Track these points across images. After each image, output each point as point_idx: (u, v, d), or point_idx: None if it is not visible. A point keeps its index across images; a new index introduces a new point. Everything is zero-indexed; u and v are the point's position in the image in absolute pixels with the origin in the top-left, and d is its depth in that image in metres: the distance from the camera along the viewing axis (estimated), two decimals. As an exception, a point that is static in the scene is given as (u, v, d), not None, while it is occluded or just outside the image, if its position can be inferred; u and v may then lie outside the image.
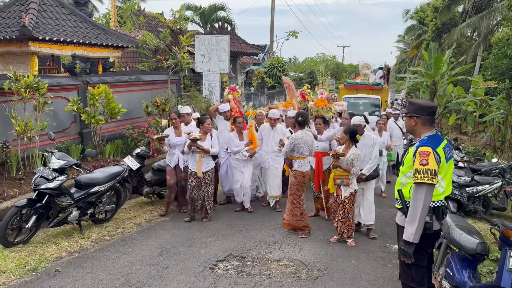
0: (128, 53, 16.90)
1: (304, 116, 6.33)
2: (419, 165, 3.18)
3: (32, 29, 9.77)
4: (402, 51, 51.07)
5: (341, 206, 5.88)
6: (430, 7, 32.04)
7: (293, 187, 6.15)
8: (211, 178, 6.72)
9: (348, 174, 5.83)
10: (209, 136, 6.77)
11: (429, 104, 3.48)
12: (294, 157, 6.18)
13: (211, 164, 6.73)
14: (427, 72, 21.55)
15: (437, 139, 3.36)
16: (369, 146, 6.29)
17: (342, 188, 5.87)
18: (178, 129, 7.03)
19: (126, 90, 11.10)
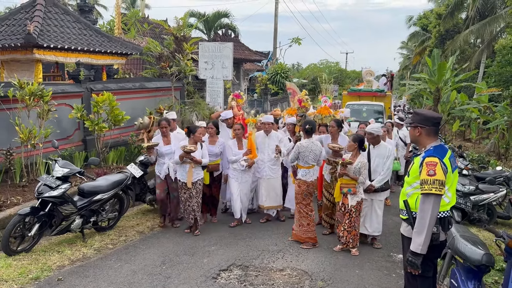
0: (132, 60, 16.96)
1: (312, 124, 6.25)
2: (427, 176, 3.17)
3: (37, 36, 9.81)
4: (406, 58, 51.10)
5: (347, 215, 5.76)
6: (433, 14, 32.02)
7: (298, 196, 6.08)
8: (200, 187, 6.51)
9: (355, 182, 5.72)
10: (199, 146, 6.53)
11: (434, 115, 3.47)
12: (299, 165, 6.11)
13: (201, 174, 6.52)
14: (430, 78, 21.54)
15: (442, 149, 3.36)
16: (384, 157, 6.02)
17: (348, 196, 5.76)
18: (167, 137, 6.71)
19: (130, 97, 11.13)
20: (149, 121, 7.41)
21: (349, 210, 5.76)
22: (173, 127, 7.15)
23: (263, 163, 7.08)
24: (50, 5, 11.37)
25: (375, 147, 6.08)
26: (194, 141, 6.44)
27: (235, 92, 7.92)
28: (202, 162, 6.41)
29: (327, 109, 7.91)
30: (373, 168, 6.02)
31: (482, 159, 13.36)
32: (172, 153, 6.52)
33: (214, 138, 7.06)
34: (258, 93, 22.80)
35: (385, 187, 6.06)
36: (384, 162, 6.00)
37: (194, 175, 6.35)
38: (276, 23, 24.77)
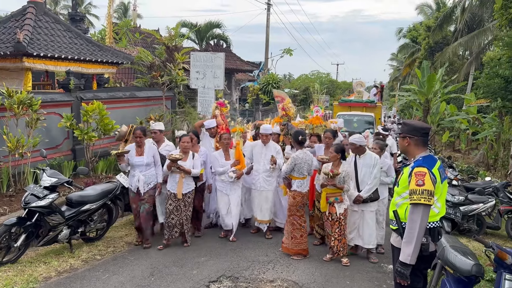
0: (123, 69, 16.92)
1: (304, 135, 6.22)
2: (415, 186, 3.17)
3: (27, 45, 9.76)
4: (395, 69, 51.66)
5: (337, 224, 5.74)
6: (422, 26, 32.54)
7: (293, 208, 6.00)
8: (190, 200, 6.25)
9: (340, 191, 5.74)
10: (191, 156, 6.29)
11: (423, 125, 3.48)
12: (294, 177, 6.03)
13: (192, 185, 6.28)
14: (420, 90, 21.78)
15: (431, 159, 3.36)
16: (370, 166, 5.91)
17: (336, 205, 5.75)
18: (141, 148, 6.18)
19: (120, 106, 11.08)
20: (127, 130, 6.87)
21: (338, 219, 5.74)
22: (160, 139, 6.76)
23: (258, 174, 6.77)
24: (41, 13, 11.34)
25: (361, 157, 5.99)
26: (183, 150, 6.22)
27: (218, 101, 7.60)
28: (192, 172, 6.15)
29: (318, 119, 7.90)
30: (361, 178, 5.93)
31: (471, 169, 13.49)
32: (144, 166, 6.08)
33: (195, 147, 6.74)
34: (250, 103, 22.85)
35: (374, 197, 5.94)
36: (371, 171, 5.89)
37: (184, 186, 6.12)
38: (267, 34, 24.93)
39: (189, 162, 6.20)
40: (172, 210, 6.12)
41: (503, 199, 7.98)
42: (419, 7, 35.61)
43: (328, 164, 5.94)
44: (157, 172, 6.24)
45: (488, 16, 24.12)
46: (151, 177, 6.19)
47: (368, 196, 5.88)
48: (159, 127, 6.81)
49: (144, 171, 6.12)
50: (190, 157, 6.28)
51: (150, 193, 6.21)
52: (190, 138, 6.40)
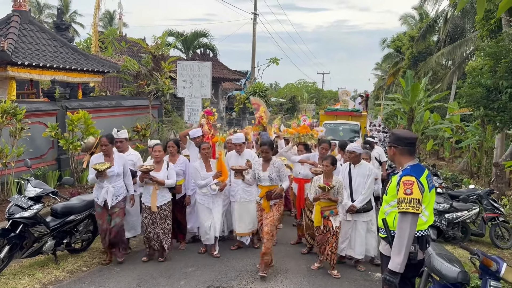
0: (109, 78, 16.83)
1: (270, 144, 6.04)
2: (404, 195, 3.19)
3: (11, 53, 9.65)
4: (380, 78, 52.35)
5: (334, 237, 5.61)
6: (406, 36, 33.10)
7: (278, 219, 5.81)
8: (167, 212, 5.96)
9: (335, 203, 5.63)
10: (165, 165, 5.99)
11: (407, 135, 3.53)
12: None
13: (167, 196, 5.99)
14: (404, 99, 22.10)
15: (419, 168, 3.40)
16: (365, 176, 5.84)
17: (331, 218, 5.61)
18: (109, 157, 5.73)
19: (106, 115, 11.01)
20: (94, 141, 6.42)
21: (335, 232, 5.61)
22: (124, 148, 6.27)
23: (236, 185, 6.46)
24: (26, 22, 11.24)
25: (356, 166, 5.94)
26: (155, 160, 5.93)
27: (206, 109, 7.25)
28: (166, 183, 5.84)
29: (305, 128, 7.91)
30: (355, 188, 5.87)
31: (455, 177, 13.70)
32: (115, 176, 5.69)
33: (175, 157, 6.50)
34: (237, 112, 22.88)
35: (367, 208, 5.88)
36: (365, 181, 5.82)
37: (159, 198, 5.84)
38: (254, 43, 25.07)
39: (162, 173, 5.90)
40: (148, 224, 5.87)
41: (487, 207, 8.10)
42: (403, 18, 36.31)
43: (319, 177, 5.80)
44: (126, 182, 5.88)
45: (469, 26, 24.68)
46: (120, 188, 5.78)
47: (362, 206, 5.82)
48: (124, 135, 6.35)
49: (113, 182, 5.70)
50: (164, 167, 5.98)
51: (121, 205, 5.79)
52: (163, 147, 6.16)
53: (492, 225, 7.92)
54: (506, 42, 11.10)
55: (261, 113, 7.73)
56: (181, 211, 6.57)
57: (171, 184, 5.96)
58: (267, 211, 5.62)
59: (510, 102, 10.12)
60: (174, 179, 6.01)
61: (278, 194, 5.64)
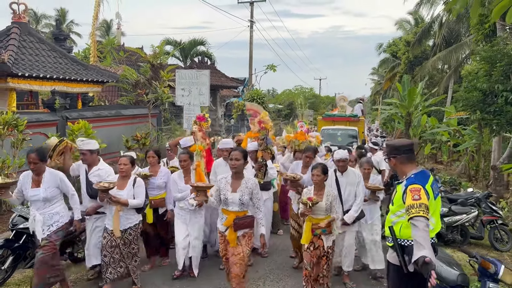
0: (108, 88, 16.92)
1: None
2: (412, 201, 3.16)
3: (11, 65, 9.73)
4: (377, 83, 52.59)
5: (324, 259, 4.87)
6: (402, 41, 33.32)
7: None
8: (133, 237, 5.07)
9: (328, 221, 4.90)
10: (131, 182, 5.08)
11: (403, 142, 3.55)
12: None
13: (134, 219, 5.08)
14: (401, 103, 22.26)
15: (424, 176, 3.39)
16: (354, 184, 5.41)
17: (323, 237, 4.87)
18: (38, 176, 4.68)
19: (106, 125, 11.08)
20: (54, 143, 5.47)
21: (325, 253, 4.88)
22: (90, 161, 5.25)
23: None
24: (25, 33, 11.34)
25: (343, 174, 5.50)
26: (121, 175, 5.10)
27: (198, 114, 6.54)
28: (130, 204, 4.93)
29: (303, 135, 7.57)
30: (345, 197, 5.43)
31: (453, 181, 13.77)
32: (40, 201, 4.65)
33: (155, 168, 5.99)
34: (235, 119, 22.99)
35: (359, 216, 5.47)
36: (356, 190, 5.41)
37: (122, 221, 4.97)
38: (251, 50, 25.25)
39: (126, 191, 5.01)
40: (105, 246, 5.02)
41: (485, 210, 8.18)
42: (398, 23, 36.53)
43: (309, 189, 5.06)
44: (72, 205, 4.93)
45: (464, 31, 24.92)
46: (54, 216, 4.73)
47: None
48: (88, 147, 5.22)
49: (42, 209, 4.68)
50: (130, 184, 5.06)
51: (52, 238, 4.69)
52: (127, 160, 5.17)
53: (491, 228, 7.98)
54: (501, 46, 11.25)
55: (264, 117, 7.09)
56: (164, 226, 6.09)
57: (138, 205, 5.05)
58: (233, 245, 4.44)
59: (506, 106, 10.24)
60: (142, 198, 5.10)
61: (248, 222, 4.48)
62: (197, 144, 5.85)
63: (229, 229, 4.42)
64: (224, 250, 4.57)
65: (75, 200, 4.94)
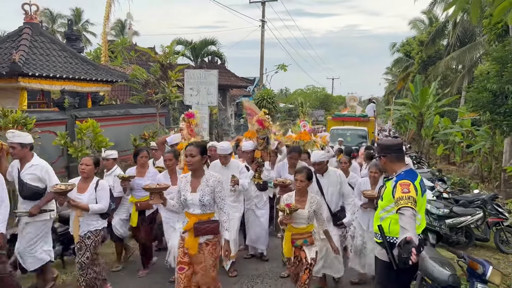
0: (119, 87, 17.15)
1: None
2: (401, 193, 3.27)
3: (22, 65, 9.95)
4: (390, 83, 52.13)
5: (306, 272, 4.35)
6: (415, 41, 33.01)
7: None
8: (90, 243, 4.63)
9: (310, 230, 4.47)
10: (93, 185, 4.69)
11: (392, 142, 3.70)
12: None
13: (95, 224, 4.67)
14: (413, 103, 22.10)
15: (413, 174, 3.52)
16: (336, 184, 5.16)
17: (305, 249, 4.40)
18: None
19: (114, 124, 11.24)
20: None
21: (308, 265, 4.36)
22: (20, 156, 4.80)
23: None
24: (37, 34, 11.56)
25: (324, 175, 5.25)
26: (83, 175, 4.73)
27: (188, 111, 6.23)
28: (91, 209, 4.55)
29: (307, 134, 7.46)
30: (328, 199, 5.17)
31: (463, 182, 13.62)
32: None
33: (144, 168, 5.74)
34: (245, 118, 23.09)
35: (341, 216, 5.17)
36: (339, 189, 5.18)
37: (82, 226, 4.63)
38: (262, 50, 25.28)
39: (87, 195, 4.63)
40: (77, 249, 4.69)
41: (491, 211, 8.09)
42: (412, 22, 36.18)
43: (291, 195, 4.58)
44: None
45: (479, 30, 24.54)
46: None
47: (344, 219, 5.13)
48: (18, 140, 4.73)
49: None
50: (92, 187, 4.66)
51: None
52: (94, 161, 4.82)
53: (496, 230, 7.89)
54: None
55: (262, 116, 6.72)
56: (148, 231, 5.76)
57: (100, 210, 4.65)
58: (193, 252, 3.90)
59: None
60: (105, 203, 4.69)
61: (212, 228, 3.94)
62: (184, 143, 5.59)
63: (189, 234, 3.91)
64: (181, 257, 3.95)
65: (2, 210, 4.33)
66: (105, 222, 4.84)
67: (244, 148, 6.46)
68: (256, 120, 6.46)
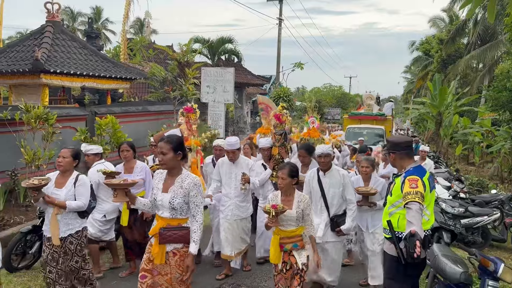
0: (137, 84, 17.42)
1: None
2: (409, 188, 3.33)
3: (44, 62, 10.22)
4: (409, 82, 51.58)
5: (297, 278, 3.93)
6: (435, 39, 32.58)
7: None
8: (75, 246, 4.17)
9: (300, 232, 4.02)
10: (72, 180, 4.20)
11: (403, 139, 3.75)
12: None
13: (75, 225, 4.19)
14: (432, 103, 21.84)
15: (421, 170, 3.58)
16: (339, 185, 4.62)
17: (295, 254, 3.96)
18: None
19: (133, 120, 11.45)
20: None
21: (299, 271, 3.94)
22: None
23: (228, 199, 5.41)
24: (58, 32, 11.85)
25: (326, 174, 4.70)
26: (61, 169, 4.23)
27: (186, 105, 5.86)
28: (69, 207, 4.05)
29: (316, 131, 6.85)
30: (330, 201, 4.64)
31: (481, 182, 13.42)
32: None
33: (130, 164, 5.39)
34: (261, 116, 23.16)
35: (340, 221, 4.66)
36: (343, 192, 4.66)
37: (62, 227, 4.11)
38: (279, 48, 25.33)
39: (65, 190, 4.16)
40: (47, 259, 4.19)
41: (509, 212, 8.01)
42: (432, 20, 35.69)
43: (276, 194, 4.16)
44: None
45: (501, 29, 24.06)
46: None
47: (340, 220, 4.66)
48: None
49: None
50: (70, 182, 4.20)
51: None
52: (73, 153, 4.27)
53: (514, 230, 7.80)
54: (533, 44, 10.91)
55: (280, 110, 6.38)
56: (141, 230, 5.43)
57: (78, 207, 4.17)
58: (158, 262, 3.40)
59: (536, 106, 9.96)
60: (85, 200, 4.23)
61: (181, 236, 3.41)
62: (192, 139, 5.34)
63: (154, 240, 3.42)
64: (146, 267, 3.47)
65: None
66: (84, 222, 4.36)
67: (261, 144, 6.17)
68: (273, 115, 6.12)
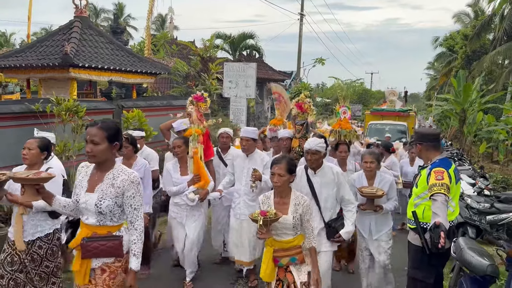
0: (160, 79, 17.67)
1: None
2: (435, 180, 3.39)
3: (73, 56, 10.49)
4: (432, 78, 50.73)
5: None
6: (459, 35, 31.97)
7: None
8: (45, 251, 3.60)
9: (299, 243, 3.33)
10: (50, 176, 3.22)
11: (431, 131, 3.85)
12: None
13: (46, 227, 3.61)
14: (456, 99, 21.50)
15: (447, 162, 3.64)
16: (332, 185, 3.94)
17: (293, 270, 3.27)
18: None
19: (157, 114, 11.63)
20: None
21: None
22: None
23: (238, 196, 4.95)
24: (86, 27, 12.13)
25: (317, 172, 3.98)
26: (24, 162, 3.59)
27: (195, 94, 5.44)
28: (35, 206, 3.37)
29: (348, 123, 6.16)
30: (323, 204, 3.94)
31: (507, 180, 13.21)
32: None
33: (130, 161, 4.79)
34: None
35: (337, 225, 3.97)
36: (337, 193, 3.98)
37: (28, 228, 3.53)
38: (300, 43, 25.28)
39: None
40: (3, 262, 3.54)
41: (535, 209, 7.87)
42: (456, 16, 35.06)
43: (267, 195, 3.44)
44: None
45: (529, 24, 23.52)
46: None
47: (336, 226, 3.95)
48: None
49: None
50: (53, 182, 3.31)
51: None
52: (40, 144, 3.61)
53: (541, 228, 7.68)
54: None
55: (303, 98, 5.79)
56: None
57: (47, 207, 3.26)
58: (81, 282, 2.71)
59: None
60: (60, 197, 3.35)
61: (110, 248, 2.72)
62: (193, 128, 4.94)
63: (77, 253, 2.75)
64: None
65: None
66: (56, 223, 3.72)
67: (280, 135, 5.56)
68: (295, 104, 5.70)
